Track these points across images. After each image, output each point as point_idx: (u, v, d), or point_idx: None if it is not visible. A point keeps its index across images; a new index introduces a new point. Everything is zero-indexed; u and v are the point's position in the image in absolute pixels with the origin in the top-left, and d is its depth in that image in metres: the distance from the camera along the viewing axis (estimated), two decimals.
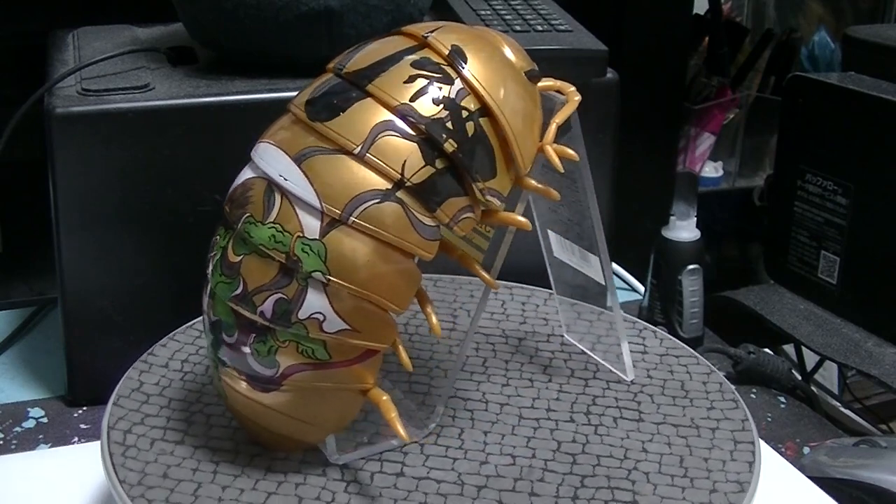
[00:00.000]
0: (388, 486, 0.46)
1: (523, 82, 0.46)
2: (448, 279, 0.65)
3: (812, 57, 1.47)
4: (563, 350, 0.58)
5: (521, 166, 0.45)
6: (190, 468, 0.47)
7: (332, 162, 0.42)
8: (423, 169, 0.42)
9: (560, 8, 0.74)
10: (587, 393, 0.54)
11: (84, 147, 0.60)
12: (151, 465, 0.47)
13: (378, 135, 0.42)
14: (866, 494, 0.58)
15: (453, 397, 0.53)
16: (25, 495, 0.56)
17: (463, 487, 0.46)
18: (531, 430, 0.51)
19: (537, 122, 0.46)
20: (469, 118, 0.43)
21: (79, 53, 0.68)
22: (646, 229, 0.79)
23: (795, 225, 0.80)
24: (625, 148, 0.72)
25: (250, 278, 0.43)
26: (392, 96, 0.43)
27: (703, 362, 0.57)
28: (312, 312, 0.42)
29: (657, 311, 0.75)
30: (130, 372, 0.54)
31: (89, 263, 0.62)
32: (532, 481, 0.47)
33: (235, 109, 0.62)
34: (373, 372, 0.45)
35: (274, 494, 0.46)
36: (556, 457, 0.49)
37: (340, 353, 0.44)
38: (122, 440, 0.48)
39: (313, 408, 0.45)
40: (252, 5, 0.62)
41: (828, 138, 0.77)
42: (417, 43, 0.45)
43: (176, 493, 0.45)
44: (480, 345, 0.58)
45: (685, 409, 0.53)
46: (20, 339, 0.74)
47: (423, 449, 0.49)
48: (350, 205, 0.42)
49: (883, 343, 0.74)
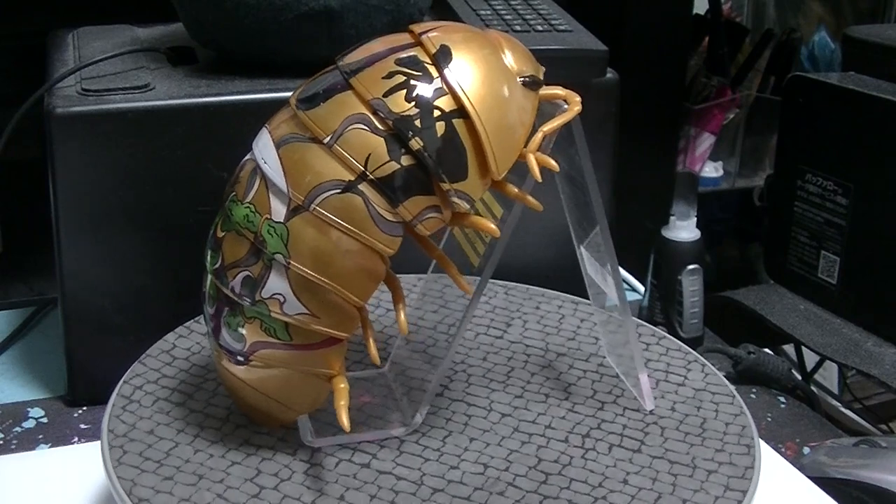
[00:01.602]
0: (348, 475, 0.47)
1: (515, 88, 0.45)
2: (520, 286, 0.64)
3: (812, 57, 1.47)
4: (598, 371, 0.56)
5: (493, 171, 0.44)
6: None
7: (304, 150, 0.44)
8: (387, 164, 0.43)
9: (560, 8, 0.74)
10: (597, 416, 0.52)
11: (84, 147, 0.60)
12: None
13: (348, 127, 0.43)
14: (866, 494, 0.58)
15: (458, 401, 0.53)
16: (25, 495, 0.56)
17: (419, 489, 0.46)
18: (518, 444, 0.49)
19: (524, 128, 0.45)
20: (441, 118, 0.43)
21: (79, 53, 0.68)
22: (646, 229, 0.79)
23: (795, 225, 0.80)
24: (625, 148, 0.72)
25: (227, 254, 0.45)
26: (368, 90, 0.43)
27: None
28: (274, 293, 0.44)
29: (657, 311, 0.75)
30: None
31: (89, 263, 0.62)
32: (491, 493, 0.46)
33: (235, 109, 0.62)
34: (337, 359, 0.46)
35: (237, 465, 0.47)
36: (529, 474, 0.47)
37: (301, 336, 0.45)
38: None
39: (281, 387, 0.47)
40: (252, 5, 0.62)
41: (828, 138, 0.77)
42: (414, 41, 0.45)
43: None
44: (515, 354, 0.57)
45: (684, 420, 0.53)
46: (20, 339, 0.74)
47: (402, 446, 0.49)
48: (312, 192, 0.43)
49: (883, 343, 0.74)
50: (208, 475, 0.47)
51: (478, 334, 0.59)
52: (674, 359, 0.57)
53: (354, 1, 0.63)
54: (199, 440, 0.49)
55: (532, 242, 0.70)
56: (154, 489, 0.46)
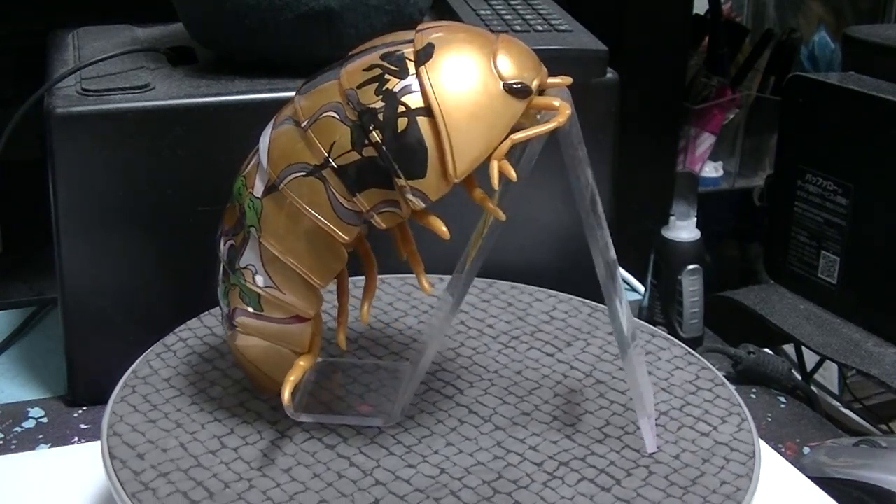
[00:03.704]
0: (307, 452, 0.48)
1: (492, 93, 0.44)
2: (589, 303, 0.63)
3: (812, 57, 1.47)
4: (624, 405, 0.53)
5: (451, 173, 0.44)
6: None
7: (286, 131, 0.46)
8: (348, 153, 0.44)
9: (560, 8, 0.74)
10: (590, 448, 0.49)
11: (84, 147, 0.60)
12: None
13: (322, 113, 0.45)
14: (866, 494, 0.58)
15: (462, 406, 0.52)
16: (25, 495, 0.56)
17: (364, 478, 0.47)
18: (490, 458, 0.48)
19: (495, 134, 0.44)
20: (405, 114, 0.43)
21: (79, 53, 0.68)
22: (646, 229, 0.79)
23: (795, 225, 0.80)
24: (625, 148, 0.72)
25: (225, 222, 0.48)
26: (349, 81, 0.44)
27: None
28: (248, 263, 0.47)
29: (657, 311, 0.75)
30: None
31: (89, 263, 0.62)
32: (427, 496, 0.46)
33: (235, 109, 0.62)
34: (304, 338, 0.48)
35: (215, 421, 0.50)
36: (479, 488, 0.46)
37: (270, 309, 0.47)
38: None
39: (261, 357, 0.49)
40: (252, 5, 0.62)
41: (828, 138, 0.77)
42: (410, 38, 0.46)
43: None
44: (549, 374, 0.55)
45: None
46: (20, 339, 0.74)
47: (378, 436, 0.50)
48: (283, 172, 0.45)
49: (883, 343, 0.74)
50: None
51: (531, 348, 0.58)
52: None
53: (354, 1, 0.63)
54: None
55: (532, 242, 0.70)
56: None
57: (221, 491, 0.46)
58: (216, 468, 0.47)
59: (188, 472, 0.47)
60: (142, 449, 0.48)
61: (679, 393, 0.54)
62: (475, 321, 0.60)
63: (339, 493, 0.46)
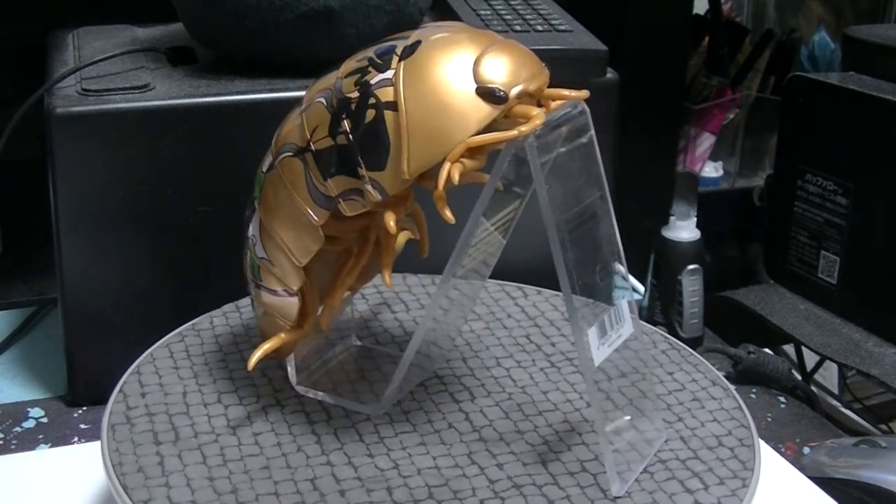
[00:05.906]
0: (294, 423, 0.50)
1: (463, 95, 0.43)
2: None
3: (812, 57, 1.47)
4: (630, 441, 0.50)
5: (403, 169, 0.44)
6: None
7: (293, 113, 0.48)
8: (324, 139, 0.45)
9: (560, 8, 0.74)
10: (555, 479, 0.47)
11: (84, 147, 0.60)
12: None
13: (316, 98, 0.46)
14: (866, 494, 0.58)
15: (463, 412, 0.52)
16: (25, 495, 0.56)
17: (310, 459, 0.48)
18: (450, 464, 0.48)
19: (458, 135, 0.43)
20: (374, 106, 0.44)
21: (79, 53, 0.68)
22: (646, 229, 0.79)
23: (795, 225, 0.80)
24: (625, 148, 0.72)
25: (253, 191, 0.50)
26: (343, 70, 0.46)
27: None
28: (252, 233, 0.49)
29: (657, 311, 0.75)
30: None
31: (89, 263, 0.62)
32: (363, 487, 0.46)
33: (235, 109, 0.62)
34: (292, 312, 0.49)
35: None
36: (415, 491, 0.46)
37: (266, 279, 0.49)
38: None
39: (265, 323, 0.51)
40: (252, 5, 0.62)
41: (828, 138, 0.77)
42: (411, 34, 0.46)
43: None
44: (572, 390, 0.54)
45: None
46: (20, 339, 0.74)
47: (359, 423, 0.51)
48: (279, 150, 0.47)
49: (883, 343, 0.74)
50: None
51: (566, 356, 0.57)
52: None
53: (354, 1, 0.63)
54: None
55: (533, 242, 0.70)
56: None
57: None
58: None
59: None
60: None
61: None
62: (520, 330, 0.59)
63: (286, 465, 0.47)
